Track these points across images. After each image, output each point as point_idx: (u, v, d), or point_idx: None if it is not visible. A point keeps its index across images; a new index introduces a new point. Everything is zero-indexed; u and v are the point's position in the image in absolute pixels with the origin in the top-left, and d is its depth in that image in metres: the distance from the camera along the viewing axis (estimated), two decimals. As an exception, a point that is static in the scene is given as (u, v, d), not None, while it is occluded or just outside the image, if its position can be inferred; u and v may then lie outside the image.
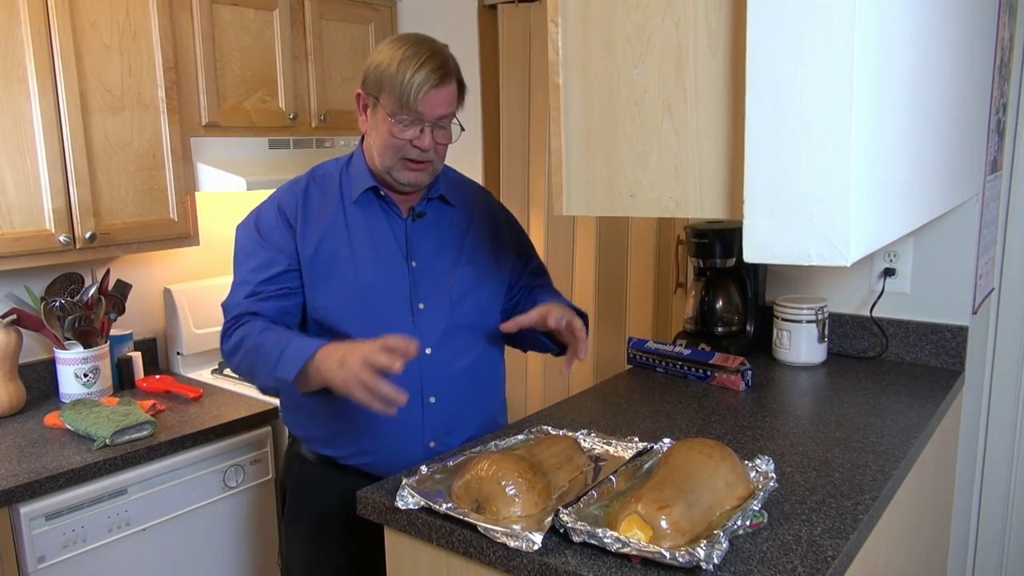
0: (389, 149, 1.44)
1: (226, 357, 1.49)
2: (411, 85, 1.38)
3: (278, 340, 1.37)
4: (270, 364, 1.35)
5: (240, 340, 1.43)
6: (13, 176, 1.86)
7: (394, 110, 1.41)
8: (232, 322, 1.47)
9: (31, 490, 1.63)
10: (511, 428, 1.54)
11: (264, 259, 1.48)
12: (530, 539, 1.05)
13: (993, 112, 1.89)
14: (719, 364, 1.83)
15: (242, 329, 1.44)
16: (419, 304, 1.49)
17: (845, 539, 1.08)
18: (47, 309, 2.06)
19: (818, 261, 0.92)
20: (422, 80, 1.38)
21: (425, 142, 1.43)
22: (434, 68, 1.39)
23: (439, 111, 1.42)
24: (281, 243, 1.48)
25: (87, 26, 1.95)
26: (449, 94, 1.43)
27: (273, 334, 1.40)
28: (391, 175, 1.47)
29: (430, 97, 1.40)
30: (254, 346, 1.40)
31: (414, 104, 1.39)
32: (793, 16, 0.88)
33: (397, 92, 1.39)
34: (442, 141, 1.47)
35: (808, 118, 0.89)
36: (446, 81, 1.42)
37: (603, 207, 1.12)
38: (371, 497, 1.24)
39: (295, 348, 1.34)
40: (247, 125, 2.34)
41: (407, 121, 1.41)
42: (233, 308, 1.48)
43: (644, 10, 1.03)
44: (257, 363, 1.39)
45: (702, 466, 1.13)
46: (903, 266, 1.97)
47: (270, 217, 1.50)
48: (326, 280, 1.48)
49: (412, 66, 1.38)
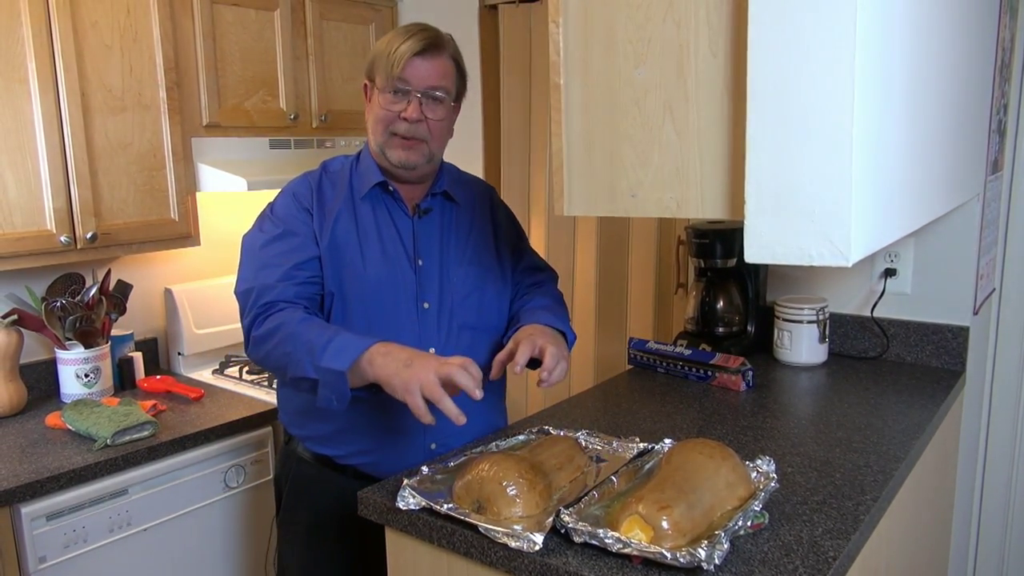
0: (380, 123, 1.46)
1: (254, 344, 1.40)
2: (396, 53, 1.40)
3: (323, 330, 1.32)
4: (314, 353, 1.28)
5: (277, 326, 1.36)
6: (14, 176, 1.86)
7: (383, 84, 1.43)
8: (263, 308, 1.39)
9: (32, 490, 1.64)
10: (512, 428, 1.54)
11: (293, 243, 1.44)
12: (531, 539, 1.05)
13: (994, 112, 1.89)
14: (720, 364, 1.83)
15: (279, 315, 1.37)
16: (424, 303, 1.49)
17: (846, 540, 1.08)
18: (48, 309, 2.06)
19: (819, 261, 0.92)
20: (407, 48, 1.40)
21: (411, 112, 1.42)
22: (421, 38, 1.41)
23: (427, 81, 1.43)
24: (305, 230, 1.46)
25: (88, 26, 1.95)
26: (439, 66, 1.44)
27: (315, 325, 1.35)
28: (385, 155, 1.47)
29: (415, 64, 1.41)
30: (293, 333, 1.33)
31: (398, 70, 1.41)
32: (794, 17, 0.88)
33: (384, 64, 1.42)
34: (433, 116, 1.45)
35: (809, 119, 0.90)
36: (433, 51, 1.43)
37: (604, 207, 1.11)
38: (372, 497, 1.24)
39: (346, 339, 1.29)
40: (248, 125, 2.34)
41: (395, 91, 1.42)
42: (262, 291, 1.40)
43: (645, 11, 1.03)
44: (296, 351, 1.31)
45: (703, 467, 1.13)
46: (904, 266, 1.97)
47: (289, 204, 1.49)
48: (336, 275, 1.46)
49: (400, 38, 1.42)
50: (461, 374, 1.21)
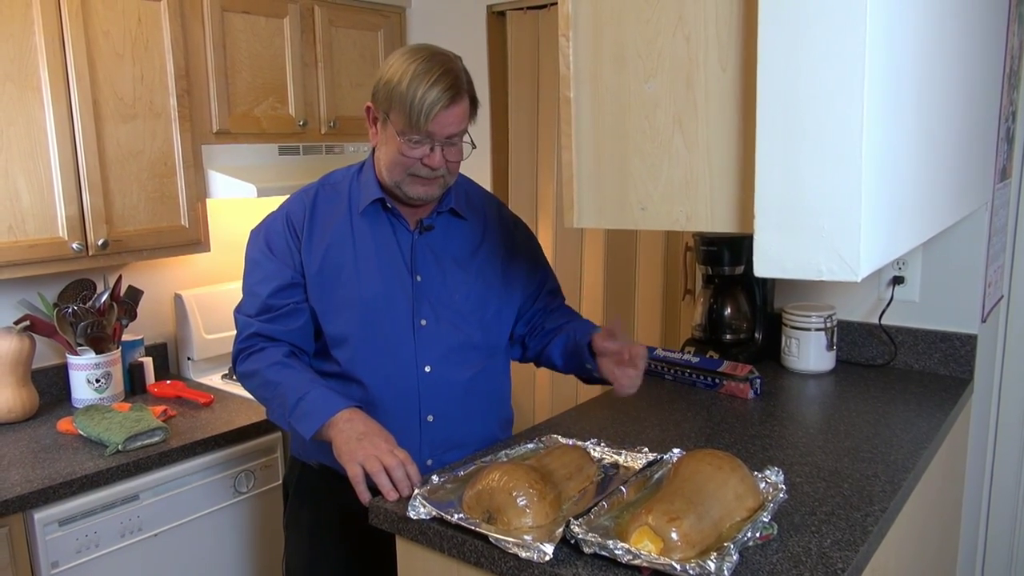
0: (398, 166, 1.41)
1: (239, 377, 1.51)
2: (421, 105, 1.33)
3: (297, 384, 1.39)
4: (285, 409, 1.38)
5: (255, 370, 1.45)
6: (27, 184, 1.88)
7: (404, 129, 1.37)
8: (246, 343, 1.48)
9: (45, 496, 1.65)
10: (520, 437, 1.54)
11: (270, 271, 1.48)
12: (541, 550, 1.06)
13: (1002, 120, 1.89)
14: (728, 372, 1.83)
15: (257, 357, 1.45)
16: (421, 320, 1.48)
17: (855, 551, 1.09)
18: (60, 315, 2.08)
19: (828, 276, 0.92)
20: (433, 100, 1.33)
21: (435, 161, 1.39)
22: (446, 87, 1.34)
23: (450, 130, 1.38)
24: (287, 256, 1.48)
25: (100, 35, 1.97)
26: (461, 112, 1.38)
27: (291, 374, 1.41)
28: (400, 189, 1.44)
29: (441, 117, 1.35)
30: (269, 382, 1.42)
31: (424, 125, 1.35)
32: (804, 31, 0.89)
33: (407, 111, 1.34)
34: (453, 158, 1.43)
35: (818, 133, 0.90)
36: (458, 100, 1.36)
37: (614, 220, 1.12)
38: (383, 506, 1.25)
39: (315, 401, 1.36)
40: (257, 132, 2.36)
41: (416, 140, 1.37)
42: (244, 325, 1.49)
43: (655, 25, 1.04)
44: (271, 400, 1.44)
45: (712, 478, 1.13)
46: (912, 274, 1.97)
47: (278, 228, 1.50)
48: (331, 292, 1.47)
49: (423, 84, 1.33)
50: (396, 470, 1.26)
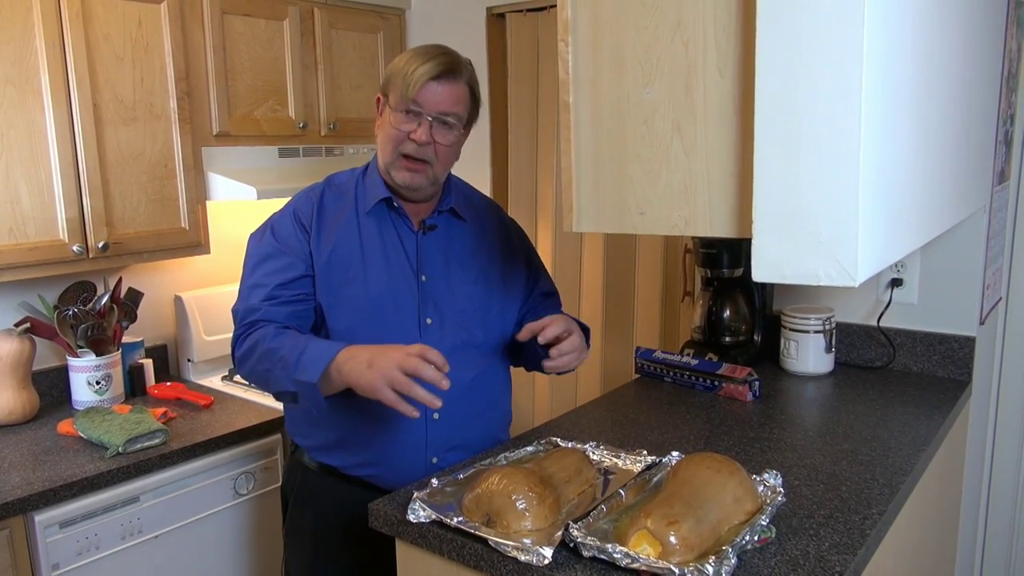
0: (389, 143, 1.46)
1: (238, 363, 1.48)
2: (413, 74, 1.41)
3: (295, 343, 1.36)
4: (288, 367, 1.34)
5: (253, 345, 1.41)
6: (28, 187, 1.88)
7: (397, 103, 1.43)
8: (244, 328, 1.46)
9: (45, 498, 1.65)
10: (520, 439, 1.55)
11: (281, 263, 1.47)
12: (540, 554, 1.06)
13: (1001, 123, 1.90)
14: (727, 375, 1.83)
15: (255, 334, 1.43)
16: (427, 319, 1.50)
17: (853, 554, 1.09)
18: (60, 317, 2.08)
19: (827, 281, 0.93)
20: (424, 71, 1.40)
21: (420, 134, 1.42)
22: (439, 62, 1.42)
23: (440, 106, 1.42)
24: (298, 248, 1.48)
25: (100, 38, 1.97)
26: (453, 91, 1.43)
27: (288, 338, 1.39)
28: (391, 175, 1.47)
29: (430, 88, 1.41)
30: (269, 350, 1.38)
31: (413, 92, 1.40)
32: (802, 37, 0.89)
33: (400, 84, 1.42)
34: (441, 140, 1.45)
35: (817, 138, 0.91)
36: (449, 77, 1.42)
37: (613, 225, 1.13)
38: (383, 510, 1.25)
39: (315, 350, 1.33)
40: (257, 134, 2.36)
41: (407, 112, 1.42)
42: (246, 313, 1.47)
43: (654, 31, 1.04)
44: (273, 367, 1.37)
45: (711, 481, 1.14)
46: (910, 276, 1.98)
47: (286, 223, 1.51)
48: (337, 289, 1.48)
49: (418, 60, 1.42)
50: (425, 368, 1.24)
